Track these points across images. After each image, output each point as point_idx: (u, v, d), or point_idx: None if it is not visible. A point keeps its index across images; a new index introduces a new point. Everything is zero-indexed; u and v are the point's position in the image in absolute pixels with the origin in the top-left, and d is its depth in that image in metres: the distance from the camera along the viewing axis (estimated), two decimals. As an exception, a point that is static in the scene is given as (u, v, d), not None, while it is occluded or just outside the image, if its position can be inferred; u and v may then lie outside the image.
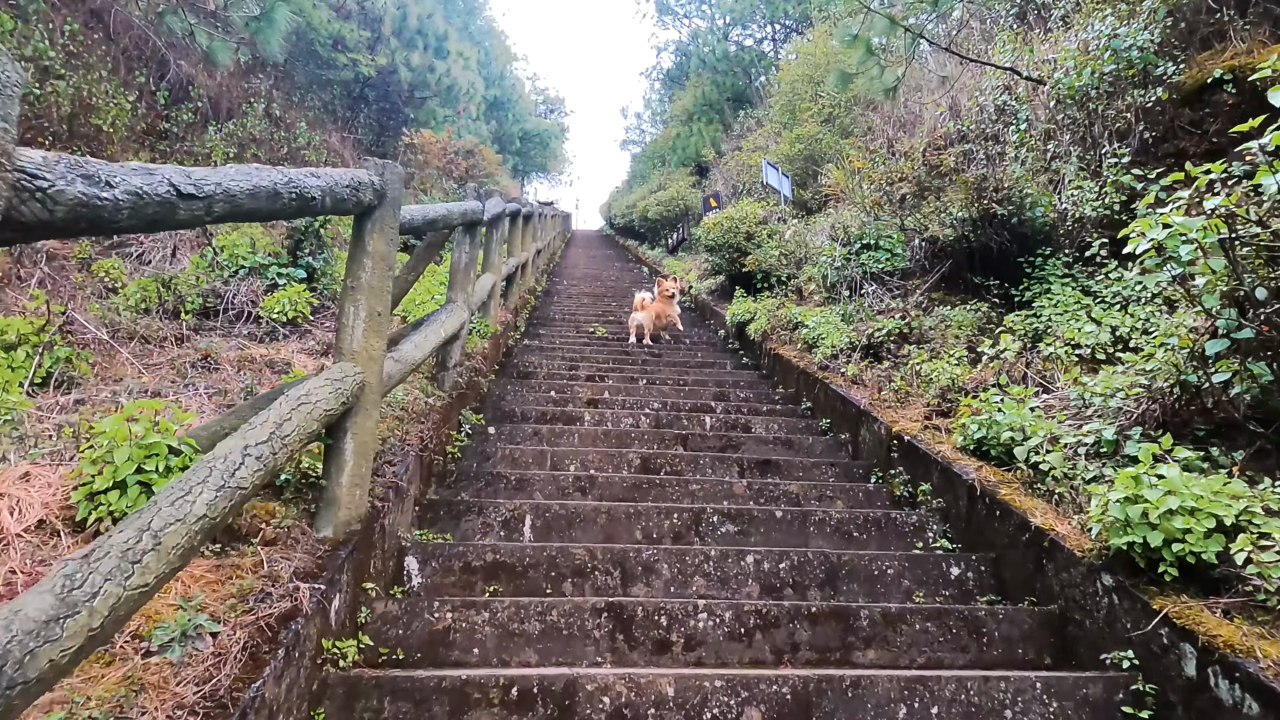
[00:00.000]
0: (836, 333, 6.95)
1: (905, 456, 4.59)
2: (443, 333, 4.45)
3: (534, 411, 5.70)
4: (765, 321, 8.28)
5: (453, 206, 4.51)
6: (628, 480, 4.38)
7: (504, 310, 8.91)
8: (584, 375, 7.14)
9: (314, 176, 2.37)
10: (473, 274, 5.37)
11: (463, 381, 5.15)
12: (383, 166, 3.15)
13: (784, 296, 9.40)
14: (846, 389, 5.81)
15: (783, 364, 7.35)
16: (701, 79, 28.18)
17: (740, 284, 11.03)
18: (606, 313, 11.76)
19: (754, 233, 11.02)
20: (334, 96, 20.04)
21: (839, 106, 16.31)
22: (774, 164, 13.44)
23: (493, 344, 7.11)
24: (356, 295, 3.00)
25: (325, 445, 2.89)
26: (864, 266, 8.01)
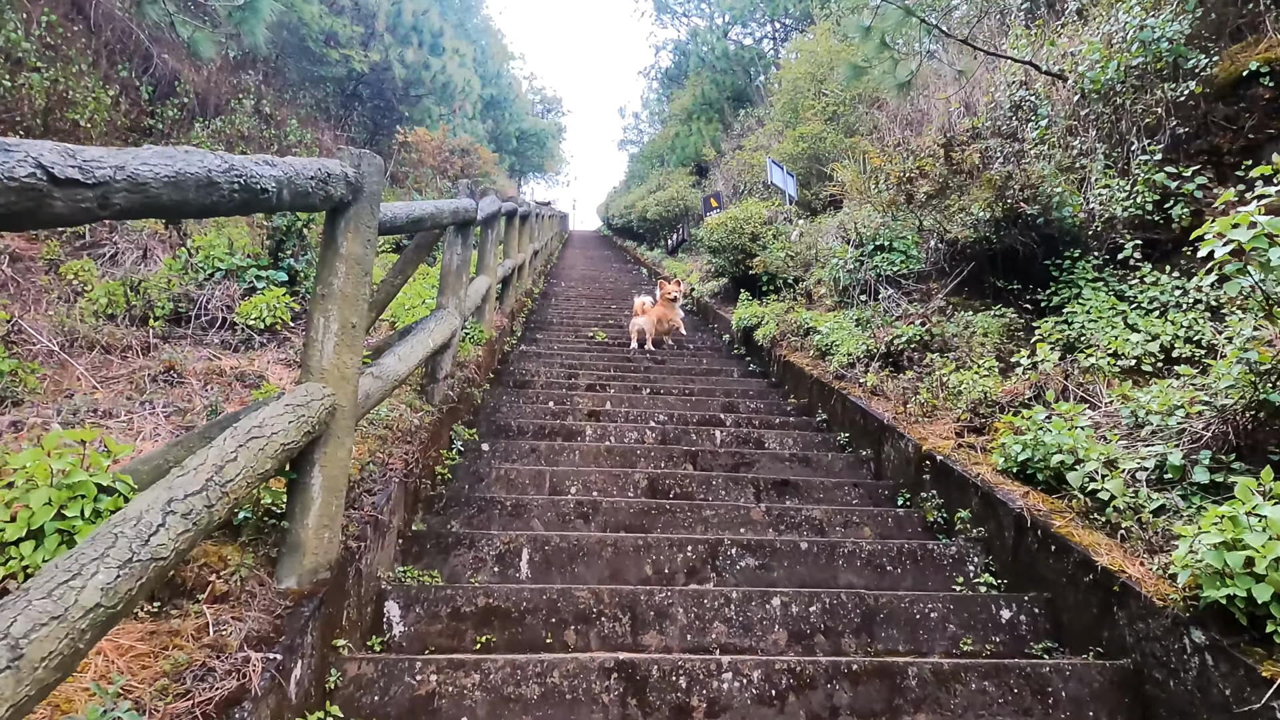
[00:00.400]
0: (851, 339, 6.56)
1: (938, 478, 4.19)
2: (431, 342, 4.04)
3: (531, 426, 5.30)
4: (774, 327, 7.89)
5: (442, 204, 4.10)
6: (634, 505, 3.97)
7: (499, 314, 8.51)
8: (584, 384, 6.73)
9: (267, 165, 1.97)
10: (465, 277, 4.97)
11: (454, 394, 4.75)
12: (359, 157, 2.75)
13: (792, 300, 9.01)
14: (866, 401, 5.41)
15: (794, 372, 6.95)
16: (701, 77, 27.80)
17: (745, 286, 10.64)
18: (606, 316, 11.36)
19: (759, 234, 10.63)
20: (327, 94, 19.63)
21: (843, 104, 15.94)
22: (779, 163, 13.05)
23: (487, 351, 6.71)
24: (327, 304, 2.59)
25: (289, 480, 2.48)
26: (877, 269, 7.63)
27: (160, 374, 3.89)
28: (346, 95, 20.46)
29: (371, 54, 17.32)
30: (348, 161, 2.70)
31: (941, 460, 4.17)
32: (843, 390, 5.78)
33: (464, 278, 4.93)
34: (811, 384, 6.43)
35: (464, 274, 4.94)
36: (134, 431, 3.12)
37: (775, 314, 8.36)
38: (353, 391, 2.63)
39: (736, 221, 10.66)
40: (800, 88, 17.94)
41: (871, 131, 14.73)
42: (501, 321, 8.22)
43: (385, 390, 3.18)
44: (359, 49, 17.05)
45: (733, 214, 10.92)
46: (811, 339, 7.09)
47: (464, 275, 4.94)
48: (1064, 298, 6.20)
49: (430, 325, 4.20)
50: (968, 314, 6.45)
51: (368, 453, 3.47)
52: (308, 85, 19.05)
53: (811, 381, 6.43)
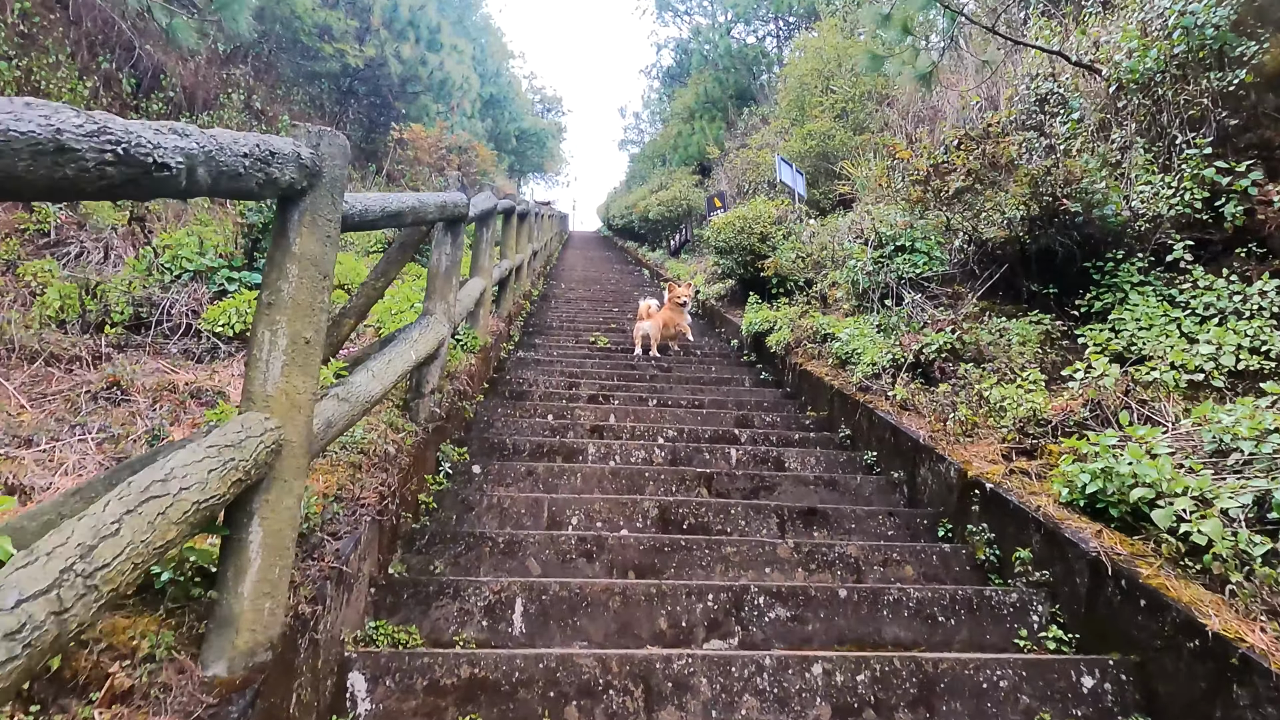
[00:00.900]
0: (874, 347, 6.07)
1: (988, 509, 3.70)
2: (413, 355, 3.55)
3: (528, 444, 4.80)
4: (788, 333, 7.40)
5: (426, 197, 3.61)
6: (644, 541, 3.48)
7: (495, 318, 8.01)
8: (586, 395, 6.24)
9: (173, 133, 1.47)
10: (455, 280, 4.47)
11: (440, 411, 4.25)
12: (317, 135, 2.26)
13: (805, 304, 8.52)
14: (896, 417, 4.92)
15: (811, 382, 6.46)
16: (703, 75, 27.32)
17: (753, 289, 10.14)
18: (608, 320, 10.87)
19: (768, 234, 10.15)
20: (322, 90, 19.14)
21: (852, 101, 15.47)
22: (788, 161, 12.57)
23: (481, 358, 6.21)
24: (274, 315, 2.10)
25: (222, 536, 1.99)
26: (899, 271, 7.14)
27: (102, 391, 3.39)
28: (342, 92, 19.97)
29: (367, 49, 16.83)
30: (302, 140, 2.21)
31: (992, 489, 3.68)
32: (869, 404, 5.28)
33: (454, 280, 4.44)
34: (832, 396, 5.94)
35: (454, 276, 4.45)
36: (54, 463, 2.63)
37: (788, 319, 7.87)
38: (305, 423, 2.13)
39: (745, 221, 10.17)
40: (807, 85, 17.48)
41: (882, 129, 14.27)
42: (498, 326, 7.73)
43: (354, 414, 2.69)
44: (353, 43, 16.56)
45: (741, 213, 10.44)
46: (830, 346, 6.60)
47: (454, 277, 4.45)
48: (1107, 303, 5.71)
49: (413, 334, 3.71)
50: (1001, 320, 5.96)
51: (336, 485, 2.98)
52: (301, 81, 18.57)
53: (832, 393, 5.93)
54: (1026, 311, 6.16)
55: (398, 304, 6.17)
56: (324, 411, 2.43)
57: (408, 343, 3.56)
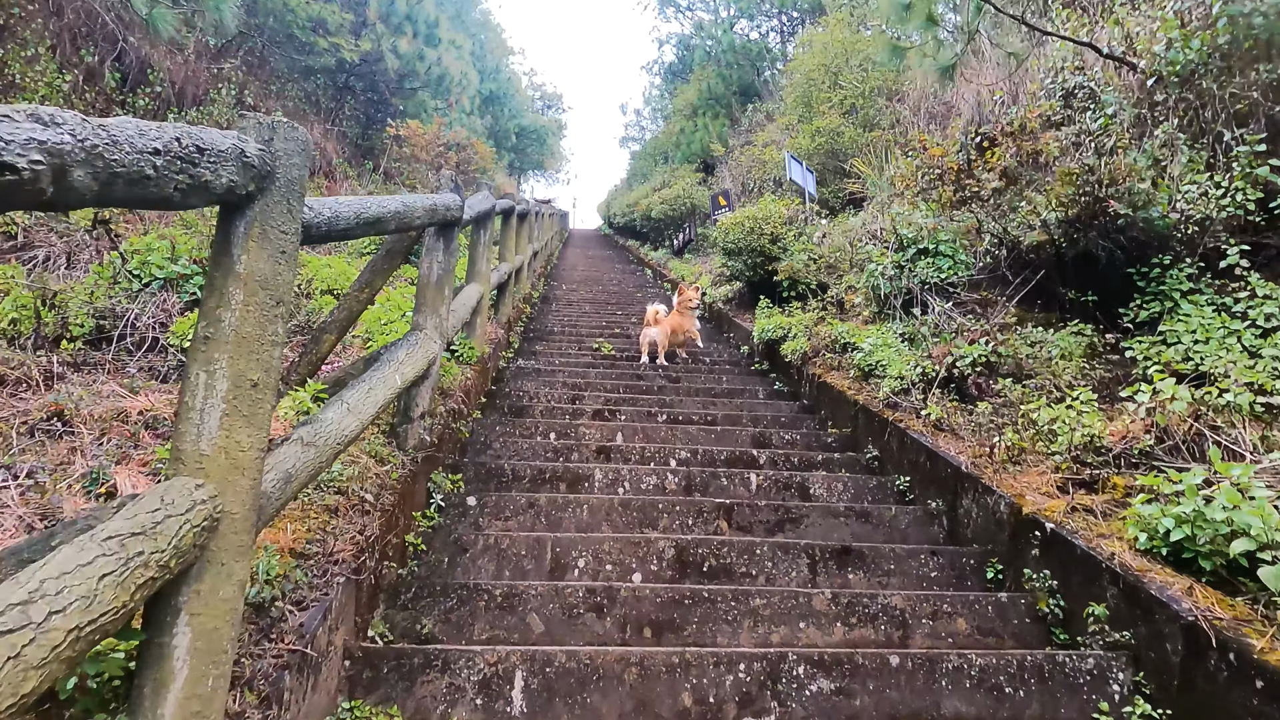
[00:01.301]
0: (900, 359, 5.65)
1: (1050, 553, 3.27)
2: (398, 379, 3.12)
3: (528, 469, 4.37)
4: (804, 341, 6.96)
5: (413, 200, 3.18)
6: (661, 592, 3.05)
7: (494, 325, 7.59)
8: (590, 410, 5.81)
9: (30, 122, 1.05)
10: (448, 290, 4.04)
11: (430, 438, 3.82)
12: (269, 128, 1.84)
13: (821, 309, 8.09)
14: (931, 439, 4.49)
15: (832, 396, 6.03)
16: (706, 71, 26.86)
17: (764, 292, 9.72)
18: (611, 324, 10.44)
19: (779, 235, 9.72)
20: (317, 86, 18.70)
21: (861, 97, 15.04)
22: (798, 158, 12.14)
23: (479, 370, 5.79)
24: (212, 352, 1.68)
25: (139, 641, 1.56)
26: (922, 276, 6.72)
27: (42, 421, 2.96)
28: (338, 88, 19.52)
29: (362, 43, 16.38)
30: (250, 133, 1.79)
31: (1053, 529, 3.25)
32: (898, 423, 4.86)
33: (446, 291, 4.01)
34: (856, 412, 5.51)
35: (447, 286, 4.02)
36: (-37, 521, 2.20)
37: (804, 325, 7.44)
38: (251, 487, 1.70)
39: (755, 221, 9.74)
40: (814, 80, 17.05)
41: (893, 125, 13.85)
42: (496, 334, 7.30)
43: (323, 460, 2.26)
44: (349, 38, 16.10)
45: (750, 213, 10.01)
46: (851, 357, 6.17)
47: (447, 287, 4.01)
48: (1153, 312, 5.28)
49: (399, 355, 3.28)
50: (1037, 331, 5.53)
51: (305, 536, 2.56)
52: (296, 77, 18.13)
53: (856, 409, 5.51)
54: (1064, 321, 5.73)
55: (389, 313, 5.74)
56: (282, 463, 2.00)
57: (392, 365, 3.13)
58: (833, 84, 16.37)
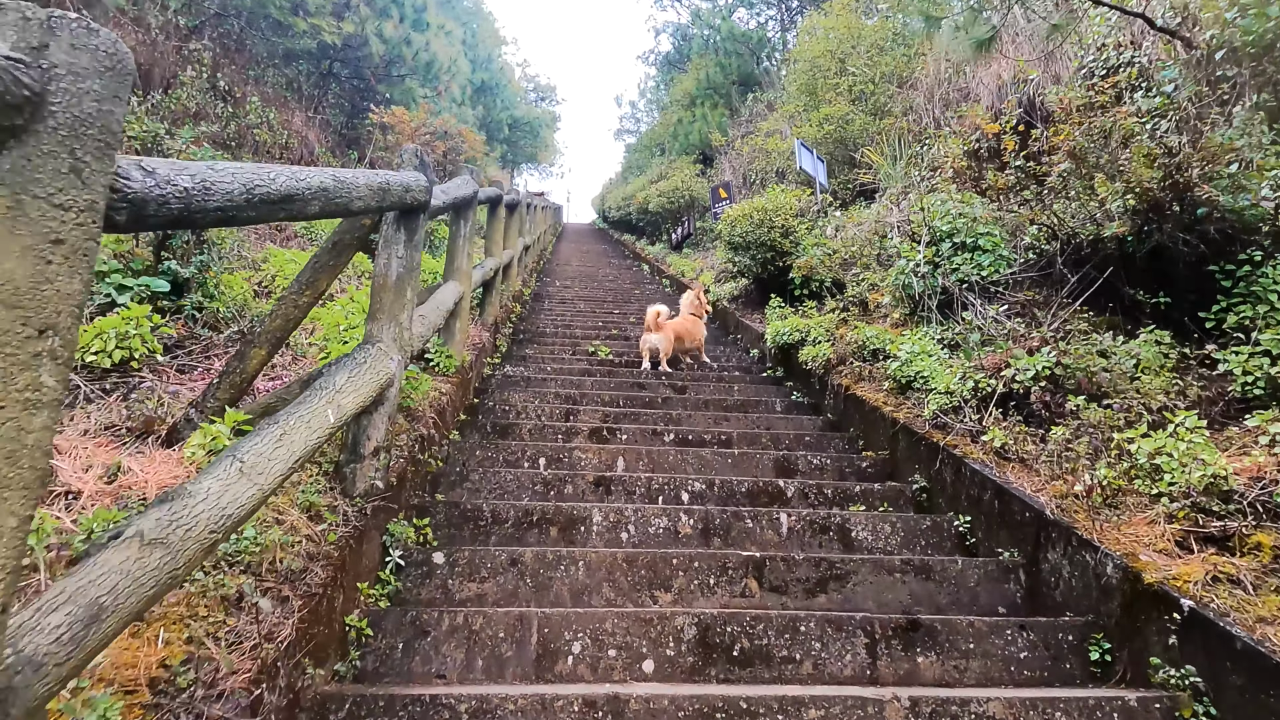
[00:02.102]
0: (946, 371, 4.88)
1: (1190, 639, 2.50)
2: (332, 413, 2.33)
3: (511, 510, 3.58)
4: (828, 347, 6.19)
5: (350, 176, 2.38)
6: (684, 699, 2.27)
7: (479, 327, 6.80)
8: (586, 428, 5.03)
9: None
10: (411, 292, 3.24)
11: (387, 480, 3.03)
12: (47, 25, 1.05)
13: (841, 309, 7.32)
14: (998, 472, 3.73)
15: (864, 412, 5.26)
16: (705, 60, 26.03)
17: (774, 290, 8.95)
18: (608, 324, 9.65)
19: (791, 228, 8.95)
20: (299, 72, 17.83)
21: (871, 83, 14.27)
22: (809, 146, 11.35)
23: (458, 383, 5.00)
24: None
25: None
26: (960, 273, 5.96)
27: None
28: (322, 74, 18.64)
29: (345, 25, 15.50)
30: (10, 31, 1.00)
31: (1194, 610, 2.49)
32: (952, 449, 4.09)
33: (408, 293, 3.22)
34: (895, 432, 4.74)
35: (409, 287, 3.23)
36: None
37: (824, 327, 6.67)
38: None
39: (764, 213, 8.96)
40: (820, 67, 16.27)
41: (905, 112, 13.09)
42: (481, 337, 6.51)
43: (179, 567, 1.48)
44: (329, 19, 15.22)
45: (759, 204, 9.22)
46: (885, 366, 5.40)
47: (409, 289, 3.22)
48: (1244, 317, 4.52)
49: (338, 379, 2.49)
50: (1104, 337, 4.77)
51: (181, 649, 1.77)
52: (277, 62, 17.25)
53: (896, 429, 4.74)
54: (1131, 327, 4.97)
55: (355, 317, 4.94)
56: (85, 590, 1.22)
57: (325, 394, 2.34)
58: (839, 70, 15.61)
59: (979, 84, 11.79)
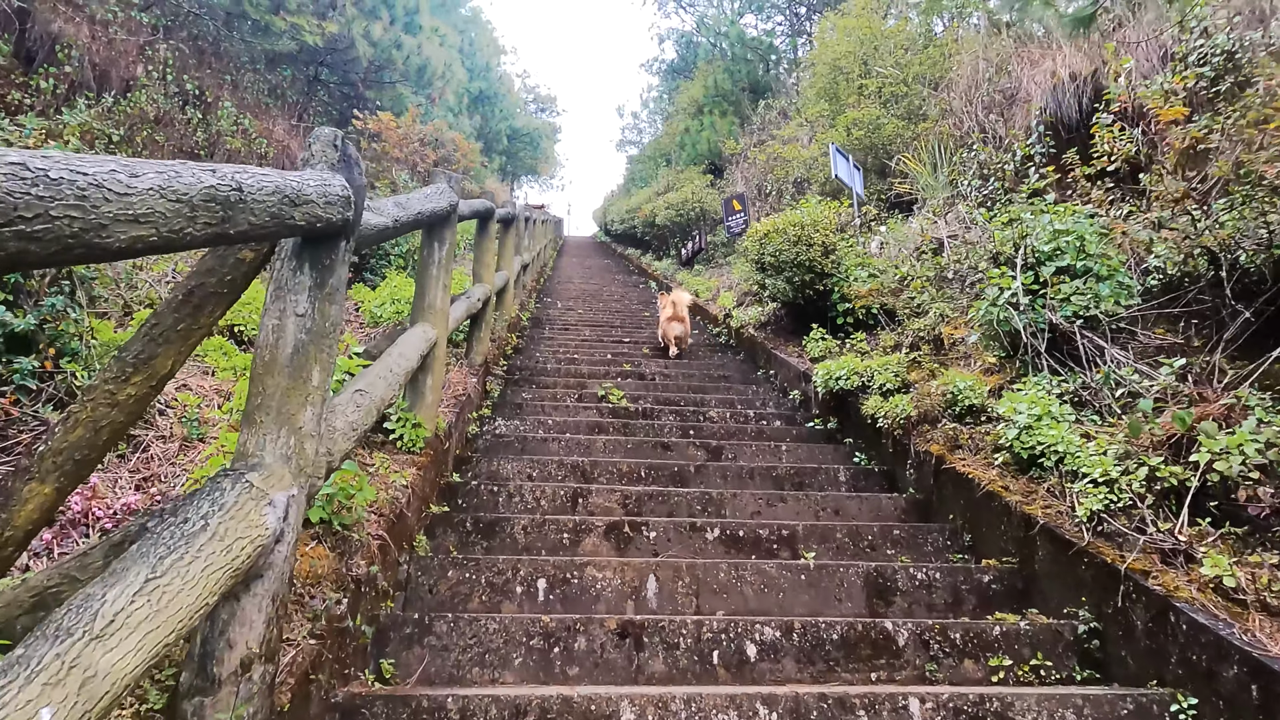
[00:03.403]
0: (1090, 447, 3.57)
1: None
2: (130, 666, 1.03)
3: (492, 709, 2.26)
4: (907, 401, 4.87)
5: (192, 177, 1.08)
6: None
7: (465, 370, 5.51)
8: (602, 522, 3.71)
9: None
10: (319, 372, 1.93)
11: (263, 714, 1.71)
12: None
13: (900, 345, 6.02)
14: (1243, 632, 2.42)
15: (971, 497, 3.93)
16: (713, 67, 24.85)
17: (811, 317, 7.67)
18: (618, 355, 8.33)
19: (832, 245, 7.67)
20: (283, 78, 16.62)
21: (904, 84, 13.04)
22: (843, 152, 10.09)
23: (429, 460, 3.70)
24: None
25: None
26: (1072, 306, 4.68)
27: None
28: (309, 80, 17.44)
29: (328, 25, 14.27)
30: None
31: None
32: (1143, 580, 2.78)
33: (315, 371, 1.91)
34: (1031, 535, 3.42)
35: (317, 361, 1.92)
36: None
37: (891, 370, 5.37)
38: None
39: (801, 229, 7.67)
40: (842, 68, 15.06)
41: (942, 116, 11.83)
42: (465, 385, 5.21)
43: None
44: (311, 19, 13.99)
45: (795, 218, 7.93)
46: (993, 432, 4.09)
47: (316, 365, 1.91)
48: None
49: (133, 578, 1.19)
50: None
51: None
52: (260, 67, 16.04)
53: (1030, 530, 3.41)
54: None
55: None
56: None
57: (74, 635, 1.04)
58: (863, 72, 14.44)
59: (1029, 83, 10.53)
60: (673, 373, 7.55)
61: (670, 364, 8.03)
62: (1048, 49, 10.82)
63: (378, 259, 7.93)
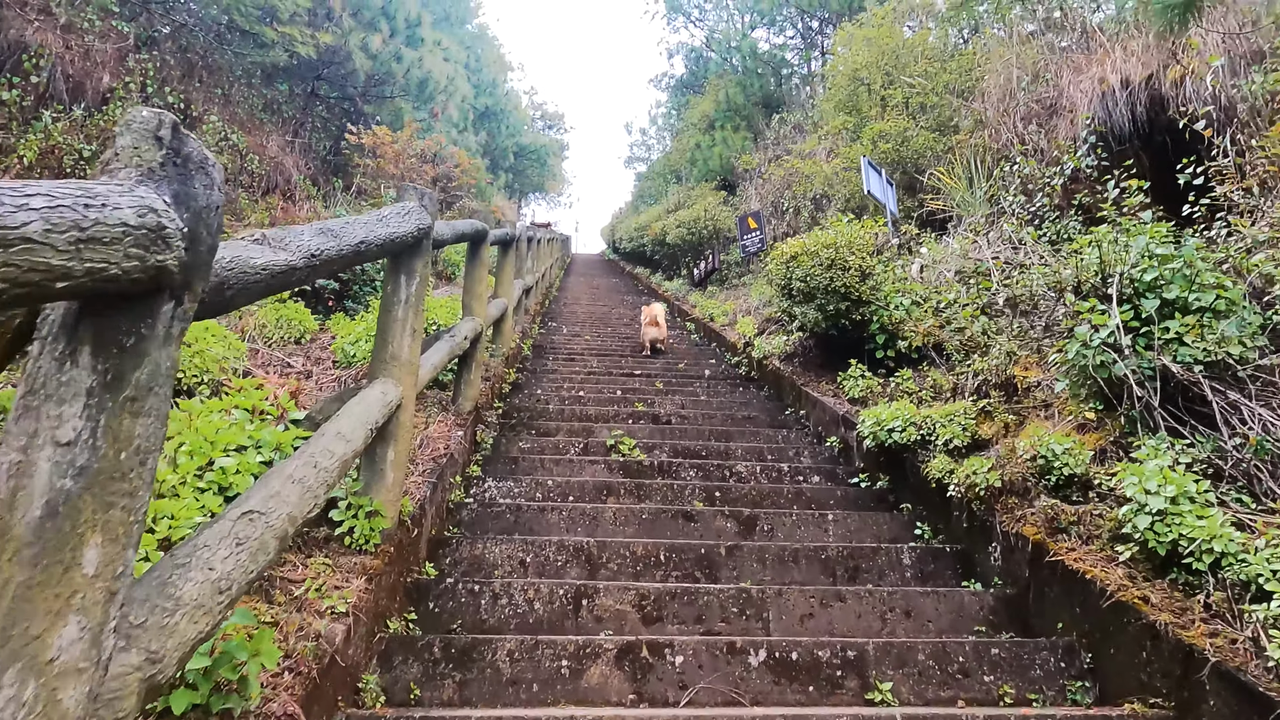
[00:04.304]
0: (1258, 543, 2.68)
1: None
2: None
3: None
4: (987, 468, 3.96)
5: None
6: None
7: (450, 423, 4.65)
8: (612, 645, 2.82)
9: None
10: (94, 537, 1.09)
11: None
12: None
13: (974, 391, 5.13)
14: None
15: (1095, 609, 3.02)
16: (724, 81, 24.12)
17: (847, 350, 6.81)
18: (628, 393, 7.46)
19: (870, 269, 6.80)
20: (279, 94, 15.93)
21: (934, 94, 12.23)
22: (876, 166, 9.25)
23: (389, 559, 2.83)
24: None
25: None
26: (1187, 350, 3.81)
27: None
28: (306, 95, 16.75)
29: (322, 36, 13.54)
30: None
31: None
32: None
33: (86, 546, 1.05)
34: (1204, 680, 2.52)
35: (93, 531, 1.07)
36: None
37: (958, 422, 4.48)
38: None
39: (836, 251, 6.81)
40: (864, 79, 14.29)
41: (977, 128, 11.00)
42: (448, 440, 4.34)
43: None
44: (304, 30, 13.26)
45: (827, 239, 7.07)
46: (1112, 516, 3.20)
47: (91, 535, 1.06)
48: None
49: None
50: None
51: None
52: (255, 82, 15.35)
53: (1200, 671, 2.52)
54: None
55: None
56: None
57: None
58: (886, 82, 13.68)
59: (1074, 90, 9.71)
60: (691, 413, 6.67)
61: (687, 402, 7.15)
62: (1090, 54, 10.00)
63: (361, 285, 7.11)
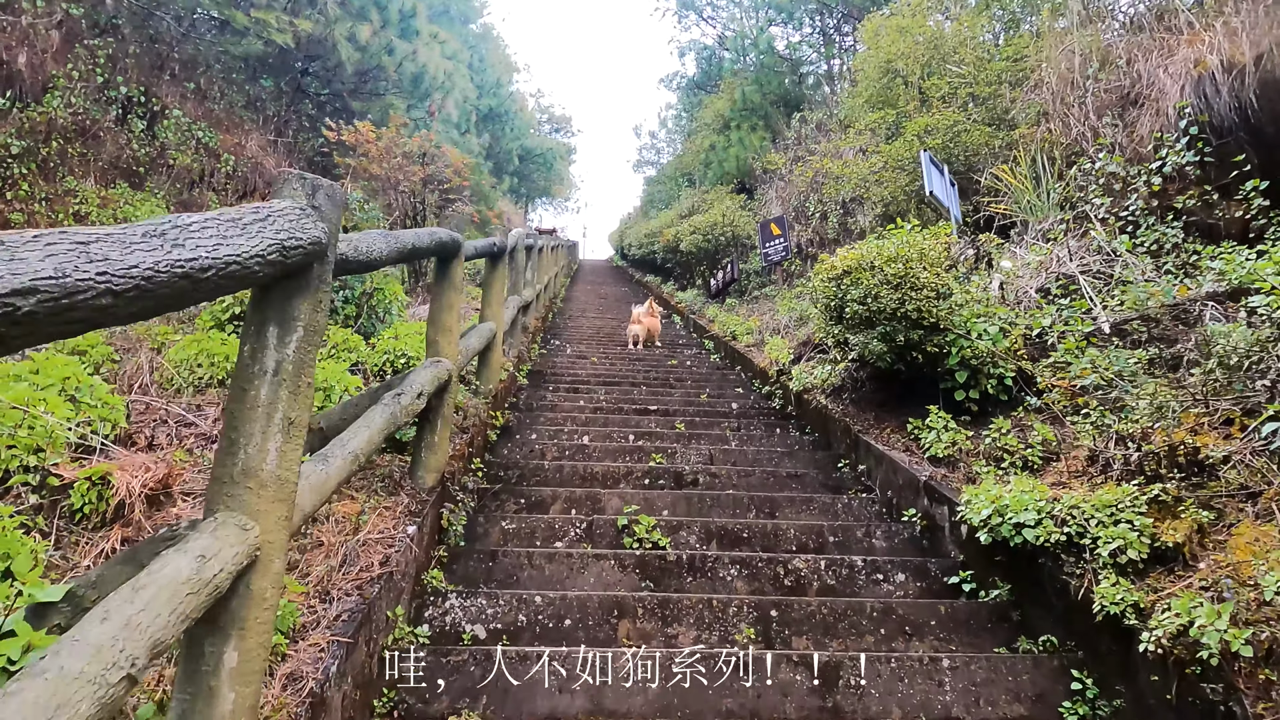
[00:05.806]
0: None
1: None
2: None
3: None
4: (1223, 620, 2.57)
5: None
6: None
7: (398, 513, 3.29)
8: None
9: None
10: None
11: None
12: None
13: (1139, 471, 3.74)
14: None
15: None
16: (740, 79, 22.76)
17: (916, 386, 5.45)
18: (642, 436, 6.08)
19: (945, 288, 5.43)
20: (262, 89, 14.68)
21: (987, 84, 10.88)
22: (936, 162, 7.88)
23: None
24: None
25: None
26: None
27: None
28: (293, 90, 15.49)
29: (301, 24, 12.25)
30: None
31: None
32: None
33: None
34: None
35: None
36: None
37: (1122, 519, 3.10)
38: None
39: (905, 265, 5.43)
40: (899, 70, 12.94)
41: (1040, 121, 9.62)
42: (386, 551, 2.99)
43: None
44: (280, 15, 11.97)
45: (889, 252, 5.68)
46: None
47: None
48: None
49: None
50: None
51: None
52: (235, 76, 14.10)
53: None
54: None
55: None
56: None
57: None
58: (924, 73, 12.36)
59: (1162, 76, 8.31)
60: (722, 470, 5.28)
61: (715, 452, 5.76)
62: (1176, 34, 8.62)
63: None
